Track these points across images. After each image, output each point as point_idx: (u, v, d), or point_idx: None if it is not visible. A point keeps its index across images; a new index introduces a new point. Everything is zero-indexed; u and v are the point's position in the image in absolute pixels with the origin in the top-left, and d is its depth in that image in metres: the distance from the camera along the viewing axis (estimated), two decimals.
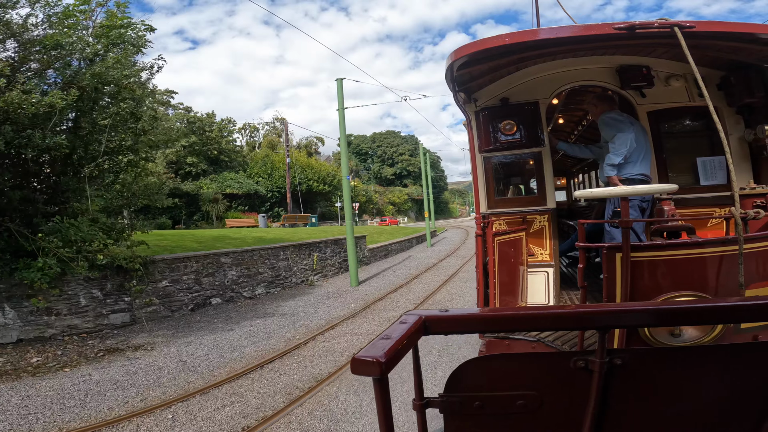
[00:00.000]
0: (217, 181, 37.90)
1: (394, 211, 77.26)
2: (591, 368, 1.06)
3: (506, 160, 4.78)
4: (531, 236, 4.54)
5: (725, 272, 2.41)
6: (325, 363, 6.28)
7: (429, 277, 13.77)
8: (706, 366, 1.12)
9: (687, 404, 1.12)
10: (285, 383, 5.60)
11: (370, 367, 0.91)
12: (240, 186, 38.58)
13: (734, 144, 3.85)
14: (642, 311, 1.18)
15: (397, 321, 1.10)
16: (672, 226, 3.07)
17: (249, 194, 39.25)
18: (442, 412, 1.14)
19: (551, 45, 3.58)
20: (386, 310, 9.60)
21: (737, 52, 3.44)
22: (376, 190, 74.53)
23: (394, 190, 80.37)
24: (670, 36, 2.62)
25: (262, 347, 7.12)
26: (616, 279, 2.42)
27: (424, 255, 19.81)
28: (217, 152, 39.93)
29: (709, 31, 2.89)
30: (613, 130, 3.92)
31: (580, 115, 6.66)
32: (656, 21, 2.76)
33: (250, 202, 39.74)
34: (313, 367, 6.13)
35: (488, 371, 1.19)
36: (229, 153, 41.73)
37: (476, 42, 3.29)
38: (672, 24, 2.64)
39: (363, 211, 70.66)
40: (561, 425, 1.14)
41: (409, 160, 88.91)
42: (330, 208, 58.80)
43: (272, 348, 7.06)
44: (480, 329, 1.71)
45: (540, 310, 1.71)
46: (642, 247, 2.52)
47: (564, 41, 3.44)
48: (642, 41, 3.41)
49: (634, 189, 2.95)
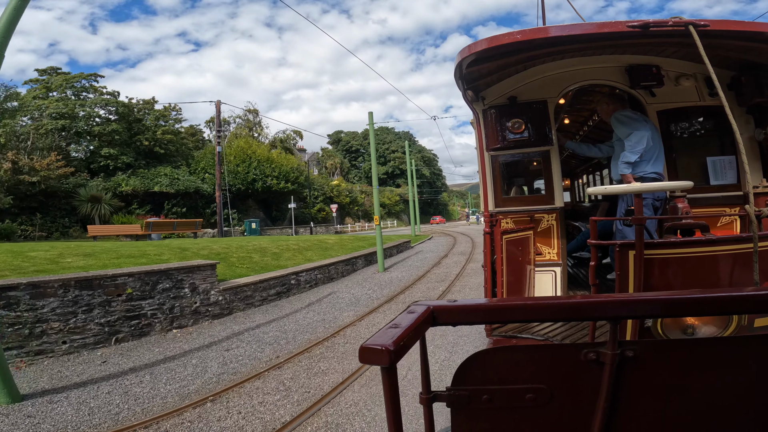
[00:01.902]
0: (146, 177, 30.50)
1: (383, 213, 69.39)
2: (602, 360, 1.04)
3: (514, 158, 4.66)
4: (538, 235, 4.46)
5: (740, 270, 2.37)
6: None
7: (302, 371, 6.17)
8: (721, 359, 1.07)
9: (701, 398, 1.07)
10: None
11: (378, 355, 0.89)
12: (175, 183, 31.12)
13: (744, 143, 3.52)
14: (654, 301, 1.14)
15: (404, 311, 1.08)
16: (686, 224, 2.87)
17: (188, 193, 31.78)
18: (449, 405, 1.10)
19: (563, 43, 3.48)
20: None
21: (748, 52, 3.39)
22: (362, 190, 66.72)
23: (384, 190, 72.39)
24: (684, 35, 2.62)
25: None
26: (628, 277, 2.39)
27: (356, 292, 11.35)
28: (149, 143, 32.49)
29: (723, 30, 2.84)
30: (628, 128, 3.82)
31: (586, 115, 6.52)
32: (670, 19, 2.73)
33: (189, 203, 32.28)
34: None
35: (496, 364, 1.12)
36: (167, 145, 34.26)
37: (487, 39, 3.14)
38: (686, 23, 2.63)
39: (346, 213, 62.97)
40: (571, 419, 1.09)
41: (403, 158, 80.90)
42: (305, 210, 51.29)
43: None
44: (488, 320, 1.55)
45: (549, 300, 1.52)
46: (656, 245, 2.43)
47: (576, 39, 3.27)
48: (654, 40, 3.36)
49: (649, 186, 2.96)
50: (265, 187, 35.89)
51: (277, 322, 8.54)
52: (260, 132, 57.13)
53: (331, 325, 8.16)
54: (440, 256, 19.21)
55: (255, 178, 34.91)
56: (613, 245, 2.41)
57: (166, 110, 36.07)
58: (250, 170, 34.88)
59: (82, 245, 12.85)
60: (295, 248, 16.06)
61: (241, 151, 35.91)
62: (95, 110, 31.19)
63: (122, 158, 30.29)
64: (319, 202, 52.74)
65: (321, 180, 57.20)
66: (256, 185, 34.95)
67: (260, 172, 35.11)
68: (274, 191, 36.91)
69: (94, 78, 33.60)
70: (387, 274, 14.47)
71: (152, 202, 30.65)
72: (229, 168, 34.69)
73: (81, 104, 30.42)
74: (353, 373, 5.50)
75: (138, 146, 32.23)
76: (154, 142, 32.96)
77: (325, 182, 57.72)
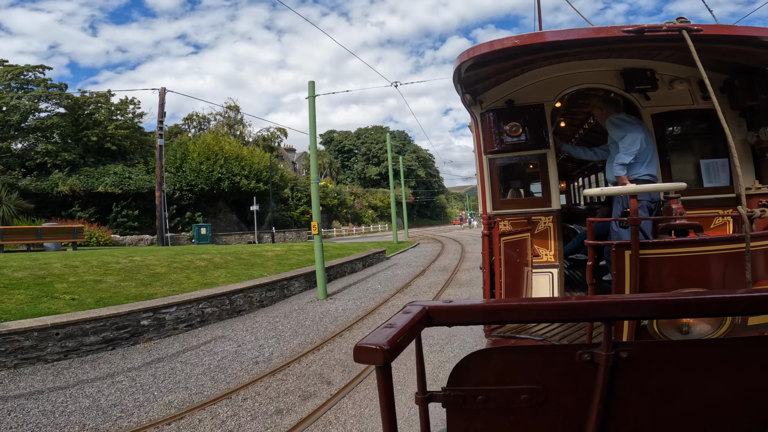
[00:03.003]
0: (91, 176, 26.87)
1: (375, 216, 65.43)
2: (596, 361, 1.04)
3: (511, 161, 4.68)
4: (535, 237, 4.48)
5: (732, 270, 2.40)
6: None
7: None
8: (715, 360, 1.07)
9: (695, 399, 1.08)
10: None
11: (373, 354, 0.89)
12: (125, 183, 27.48)
13: (737, 146, 3.88)
14: (648, 302, 1.15)
15: (400, 311, 1.08)
16: (680, 224, 2.96)
17: (141, 194, 28.14)
18: (444, 406, 1.10)
19: (562, 47, 3.51)
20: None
21: (741, 56, 3.43)
22: (352, 191, 62.89)
23: (377, 191, 68.47)
24: (678, 39, 2.67)
25: None
26: (625, 277, 2.42)
27: (257, 338, 7.80)
28: (98, 139, 28.86)
29: (715, 34, 2.90)
30: (622, 130, 3.88)
31: (582, 118, 6.53)
32: (665, 24, 2.79)
33: (144, 205, 28.65)
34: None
35: (492, 364, 1.13)
36: (122, 141, 30.62)
37: (488, 43, 3.17)
38: (680, 27, 2.68)
39: (333, 216, 59.16)
40: (566, 420, 1.10)
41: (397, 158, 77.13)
42: (286, 213, 47.58)
43: None
44: (484, 320, 1.55)
45: (545, 301, 1.54)
46: (651, 245, 2.47)
47: (573, 44, 3.37)
48: (649, 44, 3.46)
49: (644, 187, 2.95)
50: (232, 187, 32.22)
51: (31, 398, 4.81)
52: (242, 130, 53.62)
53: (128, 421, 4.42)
54: (415, 274, 15.48)
55: (221, 177, 31.23)
56: (609, 246, 2.44)
57: (123, 104, 32.47)
58: (215, 168, 31.21)
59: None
60: (202, 265, 12.33)
61: (207, 147, 32.28)
62: (35, 103, 27.56)
63: (63, 155, 26.66)
64: (303, 204, 49.03)
65: (306, 180, 53.41)
66: (222, 185, 31.28)
67: (227, 171, 31.41)
68: (245, 192, 33.24)
69: (40, 70, 30.01)
70: (327, 305, 10.72)
71: (98, 204, 27.05)
72: (191, 166, 31.06)
73: (18, 96, 26.78)
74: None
75: (86, 142, 28.62)
76: (105, 137, 29.34)
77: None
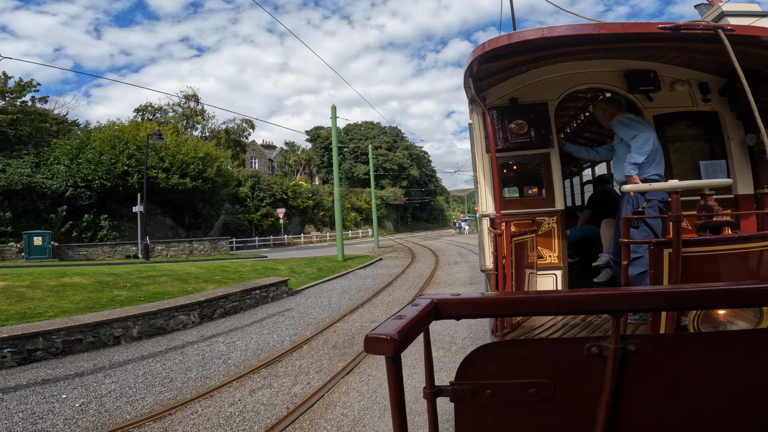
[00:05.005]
0: None
1: (359, 220, 58.73)
2: (605, 354, 1.04)
3: (515, 160, 4.64)
4: (539, 238, 4.47)
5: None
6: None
7: None
8: (725, 352, 1.06)
9: (704, 391, 1.06)
10: None
11: (383, 344, 0.89)
12: None
13: (736, 148, 4.00)
14: (654, 294, 1.15)
15: (409, 304, 1.08)
16: (717, 222, 2.89)
17: (14, 191, 22.09)
18: (452, 400, 1.10)
19: (586, 42, 3.49)
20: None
21: (745, 58, 3.36)
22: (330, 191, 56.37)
23: (362, 192, 61.76)
24: (713, 39, 2.68)
25: None
26: (663, 275, 2.36)
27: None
28: None
29: (747, 34, 2.92)
30: (633, 130, 3.82)
31: (571, 115, 6.51)
32: (701, 23, 2.78)
33: (23, 205, 22.60)
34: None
35: (500, 358, 1.12)
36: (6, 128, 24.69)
37: (507, 35, 3.17)
38: (715, 27, 2.67)
39: (308, 220, 52.73)
40: (575, 413, 1.09)
41: (386, 155, 69.86)
42: (243, 216, 41.28)
43: None
44: (492, 313, 1.60)
45: (552, 294, 1.38)
46: (692, 243, 2.46)
47: (601, 38, 3.31)
48: (654, 44, 3.50)
49: (686, 184, 2.76)
50: (171, 186, 26.13)
51: None
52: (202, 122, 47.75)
53: None
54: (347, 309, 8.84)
55: (127, 169, 25.03)
56: (648, 244, 2.48)
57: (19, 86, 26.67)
58: (120, 159, 25.04)
59: None
60: None
61: (113, 136, 26.16)
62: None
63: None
64: (265, 206, 42.66)
65: (272, 179, 47.13)
66: (131, 180, 25.08)
67: (136, 162, 25.19)
68: (183, 191, 27.03)
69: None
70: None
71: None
72: (87, 157, 24.93)
73: None
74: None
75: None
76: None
77: (280, 181, 47.56)
